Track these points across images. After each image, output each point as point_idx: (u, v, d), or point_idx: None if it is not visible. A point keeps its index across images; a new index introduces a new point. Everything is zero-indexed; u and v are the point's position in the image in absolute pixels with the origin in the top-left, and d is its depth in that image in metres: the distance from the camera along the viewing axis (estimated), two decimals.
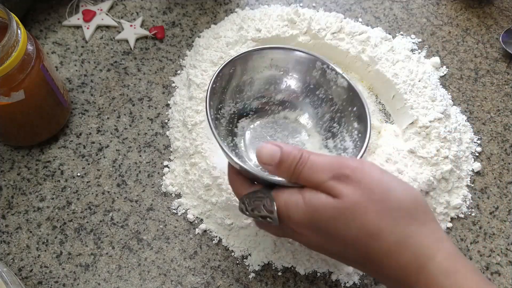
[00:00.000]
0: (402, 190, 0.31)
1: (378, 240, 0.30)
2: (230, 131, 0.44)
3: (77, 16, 0.57)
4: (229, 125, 0.44)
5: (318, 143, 0.45)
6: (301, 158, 0.32)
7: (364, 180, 0.31)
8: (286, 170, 0.33)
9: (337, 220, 0.31)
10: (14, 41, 0.39)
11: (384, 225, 0.30)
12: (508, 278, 0.46)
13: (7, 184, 0.47)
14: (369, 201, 0.30)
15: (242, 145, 0.44)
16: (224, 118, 0.44)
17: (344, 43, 0.53)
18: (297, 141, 0.45)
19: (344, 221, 0.31)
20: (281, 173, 0.33)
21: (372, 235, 0.30)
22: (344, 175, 0.31)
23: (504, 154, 0.52)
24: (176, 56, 0.56)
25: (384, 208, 0.30)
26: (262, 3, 0.59)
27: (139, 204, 0.47)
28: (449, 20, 0.60)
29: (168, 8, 0.59)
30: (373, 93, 0.54)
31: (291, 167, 0.32)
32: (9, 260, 0.44)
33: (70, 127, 0.51)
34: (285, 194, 0.33)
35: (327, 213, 0.31)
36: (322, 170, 0.32)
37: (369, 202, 0.30)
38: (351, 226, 0.31)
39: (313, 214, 0.32)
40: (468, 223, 0.48)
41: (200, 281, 0.44)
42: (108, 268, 0.44)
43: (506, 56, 0.58)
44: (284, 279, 0.44)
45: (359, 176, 0.31)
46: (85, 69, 0.54)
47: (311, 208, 0.32)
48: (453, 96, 0.55)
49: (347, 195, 0.31)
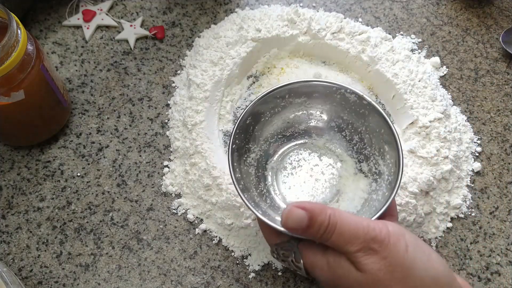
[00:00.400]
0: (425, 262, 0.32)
1: None
2: (260, 176, 0.43)
3: (77, 16, 0.57)
4: (259, 171, 0.43)
5: (351, 168, 0.44)
6: (329, 225, 0.32)
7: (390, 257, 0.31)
8: (313, 235, 0.32)
9: None
10: (14, 41, 0.39)
11: None
12: (508, 278, 0.46)
13: (7, 184, 0.47)
14: (392, 279, 0.31)
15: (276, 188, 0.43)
16: (252, 166, 0.43)
17: (344, 43, 0.53)
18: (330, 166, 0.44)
19: None
20: (309, 235, 0.33)
21: None
22: (372, 249, 0.31)
23: (504, 154, 0.52)
24: (176, 56, 0.56)
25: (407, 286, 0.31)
26: (262, 3, 0.59)
27: (139, 204, 0.47)
28: (449, 20, 0.60)
29: (168, 8, 0.59)
30: (373, 93, 0.54)
31: (318, 233, 0.32)
32: (9, 260, 0.44)
33: (70, 127, 0.51)
34: (311, 254, 0.34)
35: (349, 284, 0.32)
36: (349, 240, 0.31)
37: (392, 281, 0.31)
38: None
39: (336, 281, 0.33)
40: (468, 223, 0.48)
41: (200, 281, 0.44)
42: (108, 268, 0.44)
43: (506, 56, 0.58)
44: (284, 279, 0.44)
45: (385, 252, 0.31)
46: (85, 69, 0.54)
47: (335, 276, 0.33)
48: (453, 96, 0.55)
49: (371, 271, 0.31)
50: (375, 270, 0.31)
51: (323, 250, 0.33)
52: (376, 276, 0.31)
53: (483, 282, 0.45)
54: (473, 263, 0.46)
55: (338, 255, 0.33)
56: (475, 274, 0.46)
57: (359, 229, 0.31)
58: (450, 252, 0.47)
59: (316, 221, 0.32)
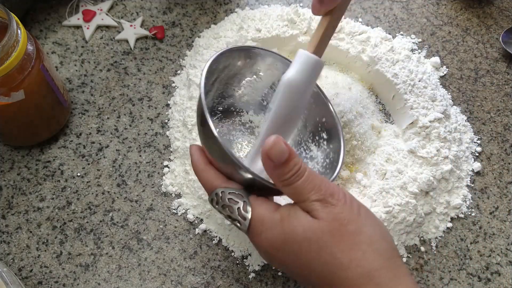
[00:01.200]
0: (374, 227, 0.33)
1: (345, 270, 0.31)
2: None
3: (77, 16, 0.57)
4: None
5: None
6: (301, 169, 0.32)
7: (344, 212, 0.32)
8: (282, 174, 0.32)
9: (311, 243, 0.32)
10: (14, 41, 0.39)
11: (354, 257, 0.31)
12: (508, 278, 0.46)
13: (7, 184, 0.47)
14: (345, 232, 0.32)
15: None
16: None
17: (344, 43, 0.53)
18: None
19: (318, 246, 0.32)
20: (276, 174, 0.33)
21: (341, 265, 0.31)
22: (329, 202, 0.32)
23: (504, 154, 0.52)
24: (176, 56, 0.56)
25: (357, 241, 0.32)
26: (262, 3, 0.59)
27: (139, 204, 0.47)
28: (449, 20, 0.60)
29: (168, 8, 0.59)
30: (373, 93, 0.54)
31: (289, 173, 0.32)
32: (9, 260, 0.44)
33: (70, 127, 0.51)
34: (263, 208, 0.33)
35: (304, 234, 0.32)
36: (313, 188, 0.32)
37: (345, 233, 0.32)
38: (323, 253, 0.32)
39: (289, 234, 0.32)
40: (468, 223, 0.48)
41: (200, 281, 0.44)
42: (108, 268, 0.44)
43: (506, 56, 0.58)
44: (284, 279, 0.44)
45: (341, 207, 0.32)
46: (85, 69, 0.54)
47: (286, 228, 0.32)
48: (453, 96, 0.55)
49: (327, 219, 0.32)
50: (330, 220, 0.32)
51: (276, 207, 0.34)
52: (330, 225, 0.32)
53: (483, 282, 0.45)
54: (473, 263, 0.46)
55: (292, 207, 0.33)
56: (475, 274, 0.46)
57: (322, 182, 0.32)
58: (450, 252, 0.47)
59: (293, 160, 0.32)
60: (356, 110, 0.48)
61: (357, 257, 0.31)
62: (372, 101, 0.53)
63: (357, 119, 0.48)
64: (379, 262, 0.32)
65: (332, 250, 0.31)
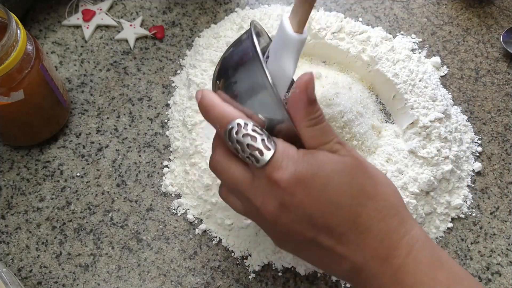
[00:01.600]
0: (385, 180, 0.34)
1: (375, 201, 0.32)
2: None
3: (77, 16, 0.56)
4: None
5: None
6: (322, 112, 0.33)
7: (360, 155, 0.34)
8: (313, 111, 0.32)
9: (342, 175, 0.32)
10: (13, 41, 0.39)
11: (380, 191, 0.32)
12: (508, 278, 0.45)
13: (6, 184, 0.47)
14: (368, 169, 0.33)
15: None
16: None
17: (344, 42, 0.53)
18: None
19: (349, 178, 0.32)
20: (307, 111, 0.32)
21: (370, 195, 0.32)
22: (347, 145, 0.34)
23: (504, 154, 0.52)
24: (176, 56, 0.55)
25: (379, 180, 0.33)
26: (262, 2, 0.59)
27: (139, 204, 0.47)
28: (450, 20, 0.60)
29: (168, 8, 0.59)
30: (373, 93, 0.54)
31: (318, 111, 0.32)
32: (9, 260, 0.44)
33: (70, 127, 0.51)
34: (287, 145, 0.33)
35: (334, 166, 0.32)
36: (332, 132, 0.33)
37: (368, 171, 0.33)
38: (354, 184, 0.32)
39: (318, 167, 0.32)
40: (469, 223, 0.48)
41: (200, 282, 0.44)
42: (108, 268, 0.44)
43: (506, 56, 0.58)
44: (284, 279, 0.44)
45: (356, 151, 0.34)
46: (84, 69, 0.54)
47: (316, 162, 0.32)
48: (454, 96, 0.55)
49: (352, 157, 0.33)
50: (355, 158, 0.33)
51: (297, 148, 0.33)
52: (356, 161, 0.33)
53: (483, 283, 0.45)
54: (473, 263, 0.46)
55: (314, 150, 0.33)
56: (476, 275, 0.46)
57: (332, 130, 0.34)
58: (451, 252, 0.46)
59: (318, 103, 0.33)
60: (356, 110, 0.48)
61: (383, 191, 0.33)
62: (372, 101, 0.53)
63: (357, 119, 0.48)
64: (400, 200, 0.33)
65: (362, 182, 0.32)
